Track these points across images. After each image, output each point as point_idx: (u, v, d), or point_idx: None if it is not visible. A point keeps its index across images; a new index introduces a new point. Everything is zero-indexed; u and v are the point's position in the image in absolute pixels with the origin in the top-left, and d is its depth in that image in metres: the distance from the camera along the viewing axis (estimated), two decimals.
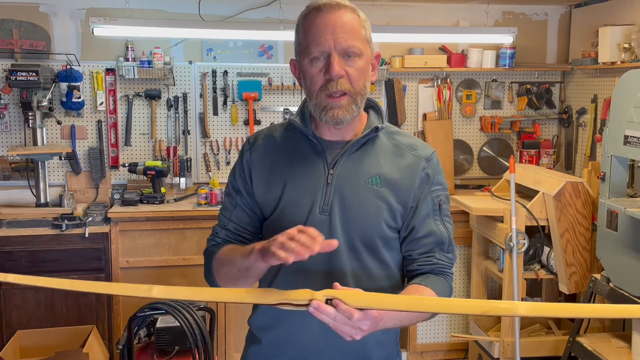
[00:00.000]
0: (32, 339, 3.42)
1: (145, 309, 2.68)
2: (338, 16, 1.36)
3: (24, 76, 3.46)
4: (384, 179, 1.44)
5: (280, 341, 1.50)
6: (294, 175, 1.46)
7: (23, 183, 3.77)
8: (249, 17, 3.97)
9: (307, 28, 1.38)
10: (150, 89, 3.91)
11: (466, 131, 4.32)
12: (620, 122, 2.78)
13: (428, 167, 1.48)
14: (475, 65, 4.12)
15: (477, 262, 3.69)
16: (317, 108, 1.40)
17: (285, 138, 1.52)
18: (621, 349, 2.97)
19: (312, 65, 1.38)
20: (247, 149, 1.54)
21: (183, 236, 3.59)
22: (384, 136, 1.50)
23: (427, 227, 1.47)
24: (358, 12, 1.40)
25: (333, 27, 1.35)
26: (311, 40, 1.36)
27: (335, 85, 1.36)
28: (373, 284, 1.44)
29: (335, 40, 1.34)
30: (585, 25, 4.08)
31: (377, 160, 1.46)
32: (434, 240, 1.47)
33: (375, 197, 1.43)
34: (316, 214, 1.43)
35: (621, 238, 2.78)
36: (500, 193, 3.57)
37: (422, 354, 3.93)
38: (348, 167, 1.45)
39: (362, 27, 1.39)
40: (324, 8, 1.36)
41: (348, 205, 1.42)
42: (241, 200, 1.53)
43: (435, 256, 1.47)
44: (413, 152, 1.49)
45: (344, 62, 1.36)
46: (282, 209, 1.46)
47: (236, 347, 3.67)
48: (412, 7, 4.15)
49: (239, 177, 1.53)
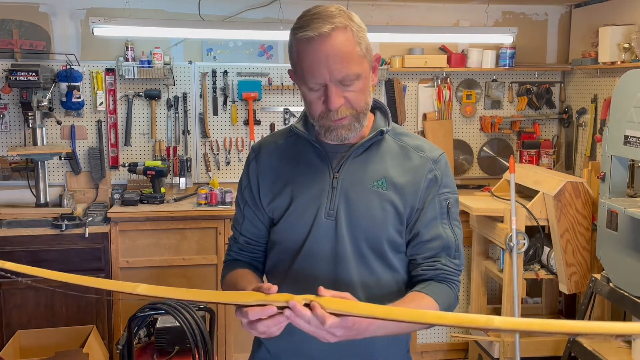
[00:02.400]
0: (32, 339, 3.43)
1: (145, 309, 2.68)
2: (330, 45, 1.28)
3: (24, 76, 3.46)
4: (390, 182, 1.41)
5: (288, 348, 1.48)
6: (300, 181, 1.45)
7: (23, 183, 3.76)
8: (248, 17, 3.97)
9: (300, 55, 1.33)
10: (150, 89, 3.91)
11: (466, 131, 4.32)
12: (620, 122, 2.78)
13: (436, 169, 1.44)
14: (475, 65, 4.12)
15: (477, 262, 3.69)
16: (321, 129, 1.38)
17: (288, 144, 1.51)
18: (621, 349, 2.97)
19: (309, 93, 1.35)
20: (252, 158, 1.53)
21: (183, 236, 3.59)
22: (391, 138, 1.47)
23: (433, 230, 1.42)
24: (351, 27, 1.32)
25: (326, 60, 1.29)
26: (306, 70, 1.32)
27: (335, 115, 1.34)
28: (381, 290, 1.42)
29: (330, 73, 1.29)
30: (585, 25, 4.08)
31: (383, 163, 1.43)
32: (440, 245, 1.43)
33: (382, 200, 1.40)
34: (322, 219, 1.41)
35: (621, 238, 2.78)
36: (500, 193, 3.57)
37: (422, 354, 3.93)
38: (353, 171, 1.43)
39: (357, 43, 1.32)
40: (316, 38, 1.28)
41: (354, 209, 1.40)
42: (249, 213, 1.52)
43: (441, 261, 1.42)
44: (420, 154, 1.45)
45: (341, 90, 1.32)
46: (289, 215, 1.45)
47: (236, 347, 3.67)
48: (412, 7, 4.15)
49: (246, 187, 1.53)
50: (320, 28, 1.29)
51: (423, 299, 1.36)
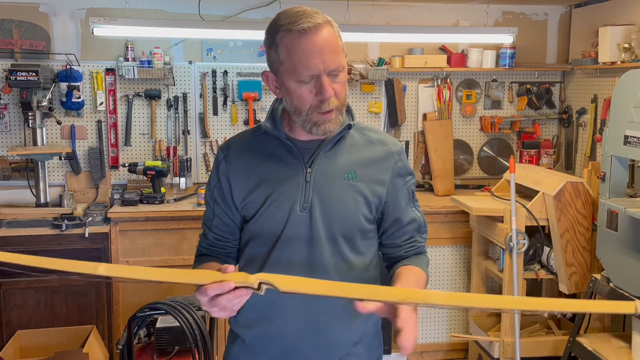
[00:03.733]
0: (32, 339, 3.43)
1: (145, 309, 2.68)
2: (322, 37, 1.36)
3: (24, 76, 3.46)
4: (359, 174, 1.50)
5: (265, 337, 1.53)
6: (273, 177, 1.49)
7: (23, 183, 3.76)
8: (249, 17, 3.97)
9: (291, 50, 1.37)
10: (150, 89, 3.91)
11: (466, 131, 4.32)
12: (620, 122, 2.78)
13: (400, 160, 1.56)
14: (475, 65, 4.12)
15: (477, 262, 3.69)
16: (308, 123, 1.43)
17: (258, 142, 1.55)
18: (621, 349, 2.97)
19: (300, 87, 1.39)
20: (221, 158, 1.56)
21: (183, 236, 3.59)
22: (356, 132, 1.56)
23: (408, 215, 1.58)
24: (332, 23, 1.40)
25: (320, 51, 1.35)
26: (299, 64, 1.36)
27: (327, 105, 1.39)
28: (352, 272, 1.51)
29: (324, 64, 1.36)
30: (585, 25, 4.08)
31: (351, 156, 1.51)
32: (415, 227, 1.60)
33: (353, 191, 1.49)
34: (297, 212, 1.47)
35: (621, 238, 2.78)
36: (500, 193, 3.57)
37: (422, 354, 3.93)
38: (325, 165, 1.49)
39: (339, 38, 1.41)
40: (308, 30, 1.35)
41: (327, 201, 1.47)
42: (218, 210, 1.57)
43: (417, 240, 1.61)
44: (384, 147, 1.56)
45: (331, 81, 1.39)
46: (264, 211, 1.49)
47: None
48: (412, 7, 4.15)
49: (215, 187, 1.57)
50: (313, 21, 1.36)
51: (413, 269, 1.52)
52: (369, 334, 1.61)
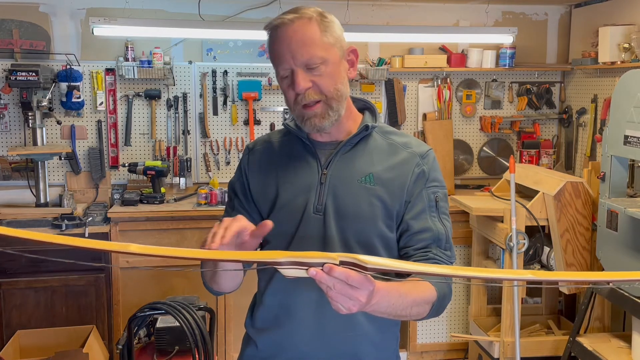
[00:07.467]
0: (32, 339, 3.42)
1: (145, 309, 2.68)
2: (292, 31, 1.37)
3: (23, 76, 3.46)
4: (377, 178, 1.44)
5: (277, 343, 1.51)
6: (289, 177, 1.49)
7: (23, 183, 3.76)
8: (249, 17, 3.97)
9: (270, 46, 1.42)
10: (150, 89, 3.91)
11: (466, 131, 4.32)
12: (620, 122, 2.78)
13: (423, 164, 1.47)
14: (475, 65, 4.12)
15: (477, 262, 3.69)
16: (298, 119, 1.45)
17: (282, 142, 1.56)
18: (621, 349, 2.97)
19: (282, 82, 1.42)
20: (245, 154, 1.61)
21: (183, 236, 3.59)
22: (379, 135, 1.51)
23: (422, 222, 1.44)
24: (316, 18, 1.39)
25: (289, 45, 1.37)
26: (275, 59, 1.41)
27: (304, 98, 1.39)
28: None
29: (293, 57, 1.37)
30: (585, 25, 4.08)
31: (371, 159, 1.47)
32: (430, 236, 1.43)
33: (369, 195, 1.43)
34: (310, 214, 1.45)
35: (621, 238, 2.78)
36: (500, 193, 3.57)
37: (422, 354, 3.93)
38: (341, 167, 1.46)
39: (322, 31, 1.39)
40: (280, 26, 1.38)
41: (342, 204, 1.44)
42: (239, 204, 1.57)
43: (432, 251, 1.42)
44: (407, 150, 1.49)
45: (308, 75, 1.38)
46: (278, 210, 1.48)
47: (236, 347, 3.66)
48: (412, 7, 4.15)
49: (237, 180, 1.59)
50: (289, 17, 1.38)
51: (420, 283, 1.34)
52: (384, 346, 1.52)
